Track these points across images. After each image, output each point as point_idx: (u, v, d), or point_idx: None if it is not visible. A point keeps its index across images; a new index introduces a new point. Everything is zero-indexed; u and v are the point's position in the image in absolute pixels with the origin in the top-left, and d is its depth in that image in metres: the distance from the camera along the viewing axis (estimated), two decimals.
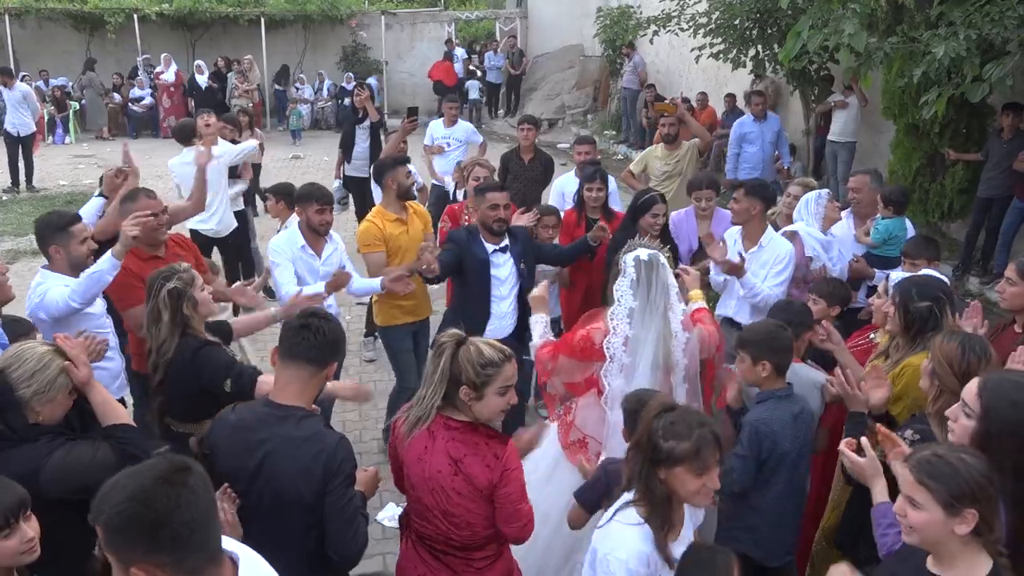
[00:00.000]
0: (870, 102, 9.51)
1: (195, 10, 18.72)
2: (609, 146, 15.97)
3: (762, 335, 3.20)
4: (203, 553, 1.65)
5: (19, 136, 12.26)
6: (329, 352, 2.64)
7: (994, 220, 7.80)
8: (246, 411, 2.69)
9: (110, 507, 1.60)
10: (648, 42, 12.41)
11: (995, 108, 7.72)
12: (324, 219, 4.63)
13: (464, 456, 2.62)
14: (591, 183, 5.53)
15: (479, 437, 2.66)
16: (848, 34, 5.80)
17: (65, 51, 18.84)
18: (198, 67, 17.95)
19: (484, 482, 2.62)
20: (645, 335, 3.26)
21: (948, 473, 1.99)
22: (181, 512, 1.59)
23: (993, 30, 5.59)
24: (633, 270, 3.31)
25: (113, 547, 1.61)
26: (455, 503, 2.65)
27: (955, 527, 1.97)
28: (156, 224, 4.15)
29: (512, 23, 21.50)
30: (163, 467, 1.66)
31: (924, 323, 3.23)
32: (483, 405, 2.64)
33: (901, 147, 8.60)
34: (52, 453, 2.47)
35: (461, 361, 2.61)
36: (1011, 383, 2.36)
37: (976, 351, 2.73)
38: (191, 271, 3.43)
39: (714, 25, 10.08)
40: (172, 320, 3.29)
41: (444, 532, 2.71)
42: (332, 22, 20.08)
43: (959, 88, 5.79)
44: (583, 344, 3.34)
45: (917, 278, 3.51)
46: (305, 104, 19.20)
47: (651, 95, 14.16)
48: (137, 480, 1.63)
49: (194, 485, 1.65)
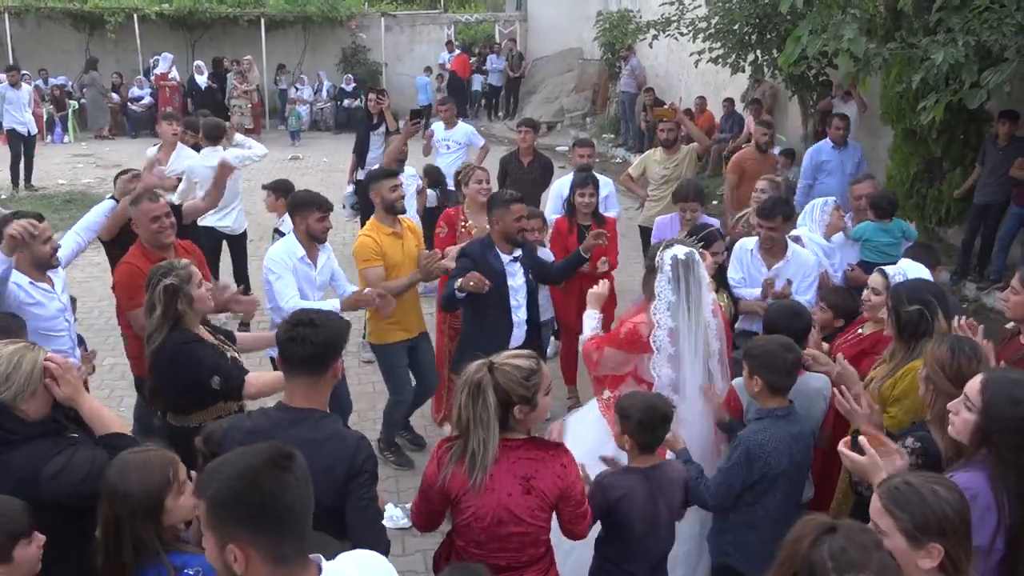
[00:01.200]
0: (868, 108, 9.54)
1: (195, 10, 18.75)
2: (608, 149, 16.00)
3: (760, 351, 3.19)
4: (296, 543, 1.67)
5: (28, 135, 12.32)
6: (322, 357, 2.60)
7: (991, 226, 7.82)
8: (261, 417, 2.67)
9: (217, 482, 1.65)
10: (647, 46, 12.42)
11: (992, 114, 7.75)
12: (325, 227, 4.59)
13: (536, 472, 2.59)
14: (583, 188, 5.51)
15: (543, 451, 2.65)
16: (847, 39, 5.84)
17: (64, 50, 18.85)
18: (197, 67, 17.96)
19: (557, 493, 2.62)
20: (685, 326, 3.47)
21: (915, 502, 1.93)
22: (284, 497, 1.64)
23: (991, 37, 5.62)
24: (670, 268, 3.48)
25: (214, 521, 1.65)
26: (527, 523, 2.61)
27: (918, 560, 1.90)
28: (161, 226, 4.18)
29: (511, 26, 21.54)
30: (272, 451, 1.70)
31: (915, 327, 3.23)
32: (536, 412, 2.63)
33: (899, 152, 8.63)
34: (53, 458, 2.46)
35: (503, 384, 2.54)
36: (1013, 380, 2.40)
37: (966, 352, 2.75)
38: (189, 268, 3.44)
39: (713, 30, 10.10)
40: (164, 314, 3.33)
41: (512, 557, 2.65)
42: (332, 23, 20.11)
43: (957, 94, 5.83)
44: (631, 338, 3.56)
45: (908, 282, 3.51)
46: (304, 105, 19.22)
47: (649, 99, 14.19)
48: (246, 459, 1.68)
49: (298, 473, 1.69)
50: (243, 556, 1.62)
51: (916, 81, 5.87)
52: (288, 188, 6.29)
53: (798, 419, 3.21)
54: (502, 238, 4.55)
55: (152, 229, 4.19)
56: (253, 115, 17.86)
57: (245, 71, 17.69)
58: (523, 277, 4.62)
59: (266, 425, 2.58)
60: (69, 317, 4.12)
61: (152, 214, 4.19)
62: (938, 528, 1.90)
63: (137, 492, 2.22)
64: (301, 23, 19.98)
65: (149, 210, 4.19)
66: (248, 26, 19.24)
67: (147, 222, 4.19)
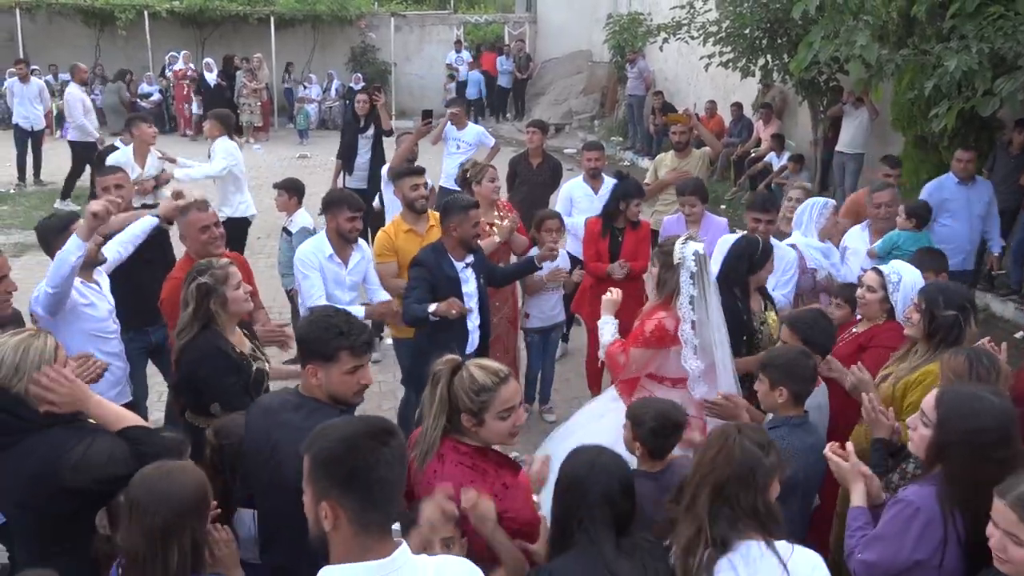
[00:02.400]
0: (880, 114, 9.50)
1: (205, 8, 18.78)
2: (616, 152, 15.97)
3: (784, 360, 3.12)
4: (382, 513, 1.77)
5: (32, 130, 12.31)
6: (303, 352, 2.66)
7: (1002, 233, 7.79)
8: (276, 397, 2.80)
9: (321, 443, 1.79)
10: (657, 49, 12.43)
11: (1004, 122, 7.72)
12: (355, 227, 4.59)
13: (471, 483, 2.51)
14: (629, 199, 5.36)
15: (488, 464, 2.56)
16: (860, 45, 5.82)
17: (75, 46, 18.88)
18: (207, 65, 17.98)
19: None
20: (706, 318, 3.61)
21: None
22: (379, 468, 1.75)
23: (1006, 44, 5.60)
24: (694, 263, 3.60)
25: (313, 479, 1.78)
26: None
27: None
28: (211, 236, 4.06)
29: (521, 27, 21.53)
30: (376, 424, 1.83)
31: (948, 331, 3.22)
32: (486, 431, 2.54)
33: (910, 159, 8.58)
34: (74, 447, 2.45)
35: (456, 389, 2.53)
36: (967, 395, 2.42)
37: (984, 364, 2.74)
38: (227, 268, 3.38)
39: (724, 34, 10.10)
40: (195, 312, 3.30)
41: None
42: (341, 22, 20.12)
43: (970, 102, 5.80)
44: (658, 333, 3.68)
45: (943, 285, 3.48)
46: (312, 104, 19.24)
47: (658, 102, 14.16)
48: (351, 428, 1.82)
49: (395, 448, 1.79)
50: (332, 515, 1.74)
51: (929, 88, 5.84)
52: (299, 187, 6.30)
53: (813, 429, 3.17)
54: (458, 244, 4.42)
55: (202, 240, 4.05)
56: (262, 113, 17.88)
57: (255, 69, 17.71)
58: (475, 283, 4.55)
59: (276, 405, 2.69)
60: (116, 321, 4.04)
61: (201, 224, 4.06)
62: None
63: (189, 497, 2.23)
64: (311, 22, 19.99)
65: (198, 220, 4.06)
66: (258, 24, 19.27)
67: (196, 232, 4.06)
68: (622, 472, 2.38)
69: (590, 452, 2.43)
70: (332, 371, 2.60)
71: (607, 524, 2.25)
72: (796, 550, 2.22)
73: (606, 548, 2.21)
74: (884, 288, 3.79)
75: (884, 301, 3.80)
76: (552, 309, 5.59)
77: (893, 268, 3.88)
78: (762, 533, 2.20)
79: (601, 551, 2.21)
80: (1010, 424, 2.37)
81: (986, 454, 2.32)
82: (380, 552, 1.76)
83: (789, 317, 3.56)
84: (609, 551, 2.21)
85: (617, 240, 5.43)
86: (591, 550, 2.23)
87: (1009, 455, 2.32)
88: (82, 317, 3.79)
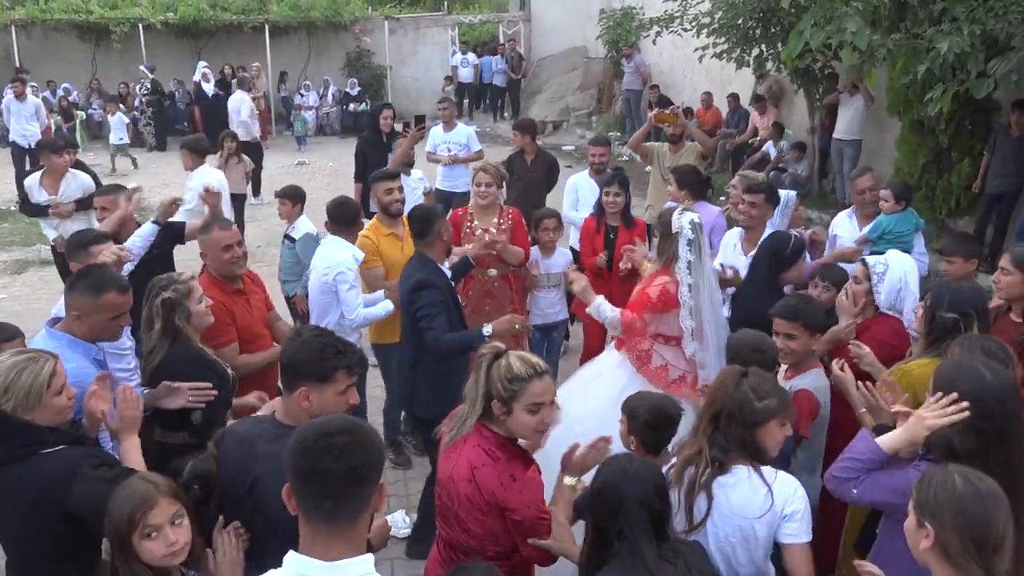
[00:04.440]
0: (876, 99, 9.48)
1: (200, 18, 18.80)
2: (613, 147, 15.94)
3: (739, 347, 3.20)
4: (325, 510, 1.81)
5: (29, 148, 12.32)
6: (295, 374, 2.51)
7: (1003, 216, 7.76)
8: (253, 424, 2.65)
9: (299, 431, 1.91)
10: (651, 43, 12.41)
11: (1000, 103, 7.69)
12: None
13: (482, 465, 2.58)
14: (608, 188, 5.42)
15: (504, 452, 2.62)
16: (851, 32, 5.80)
17: (71, 61, 18.95)
18: (204, 75, 17.98)
19: (491, 497, 2.57)
20: (701, 281, 3.93)
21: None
22: (327, 458, 1.81)
23: (997, 25, 5.58)
24: (691, 231, 3.89)
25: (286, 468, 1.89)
26: (466, 510, 2.62)
27: (921, 540, 1.99)
28: (234, 256, 3.96)
29: (515, 26, 21.52)
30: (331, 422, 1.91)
31: (944, 333, 3.17)
32: (514, 422, 2.59)
33: (907, 144, 8.57)
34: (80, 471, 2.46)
35: (492, 375, 2.60)
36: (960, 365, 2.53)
37: (998, 356, 2.71)
38: (189, 283, 3.38)
39: (717, 25, 10.07)
40: (163, 329, 3.29)
41: (458, 537, 2.69)
42: (336, 28, 20.13)
43: (964, 84, 5.78)
44: (664, 297, 3.97)
45: (955, 286, 3.39)
46: (310, 111, 19.26)
47: (655, 95, 14.15)
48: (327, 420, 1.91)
49: (355, 441, 1.84)
50: (288, 497, 1.88)
51: (922, 72, 5.81)
52: (300, 194, 6.27)
53: None
54: (443, 252, 4.32)
55: (224, 259, 3.94)
56: (260, 122, 17.88)
57: (253, 78, 17.72)
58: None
59: (252, 436, 2.54)
60: (131, 337, 3.94)
61: (224, 243, 3.94)
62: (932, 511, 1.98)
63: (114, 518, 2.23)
64: (305, 28, 20.02)
65: (220, 239, 3.94)
66: (252, 33, 19.28)
67: (219, 252, 3.94)
68: (655, 475, 2.39)
69: (620, 461, 2.45)
70: (327, 392, 2.51)
71: (647, 532, 2.25)
72: (779, 475, 2.56)
73: (648, 557, 2.21)
74: (869, 279, 3.77)
75: (870, 292, 3.78)
76: (552, 307, 5.58)
77: (880, 259, 3.83)
78: (750, 461, 2.54)
79: (644, 560, 2.21)
80: (997, 396, 2.36)
81: (968, 425, 2.34)
82: (321, 551, 1.80)
83: (777, 308, 3.55)
84: (652, 560, 2.21)
85: (610, 237, 5.44)
86: (633, 560, 2.23)
87: (992, 428, 2.33)
88: None
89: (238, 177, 9.00)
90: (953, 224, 8.72)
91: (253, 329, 4.03)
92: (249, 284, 4.20)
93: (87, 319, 3.12)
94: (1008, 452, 2.33)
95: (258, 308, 4.18)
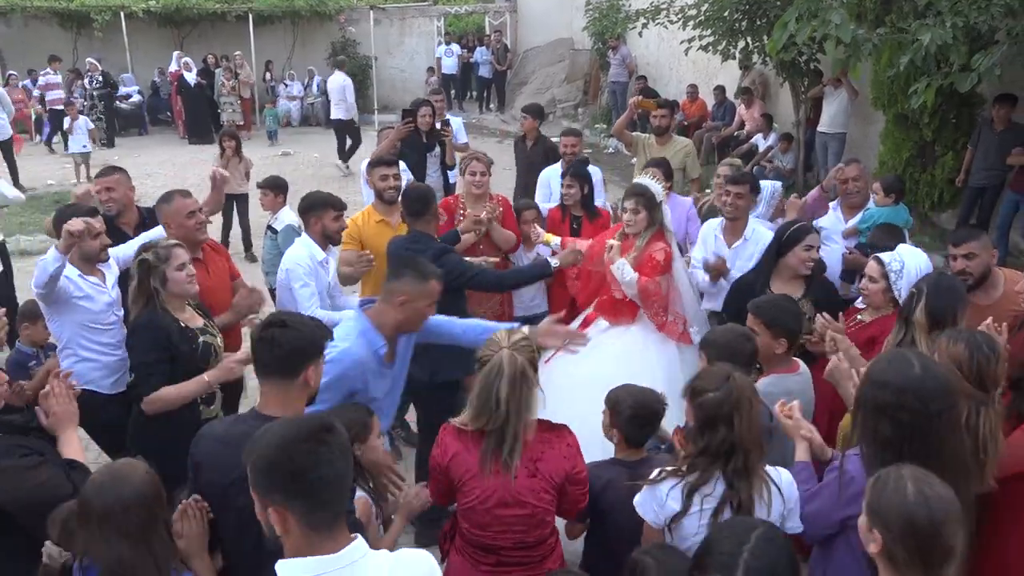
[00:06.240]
0: (860, 93, 9.51)
1: (182, 7, 18.59)
2: (600, 139, 15.94)
3: (721, 341, 3.16)
4: (329, 512, 1.78)
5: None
6: (293, 361, 2.45)
7: (985, 209, 7.81)
8: (233, 423, 2.59)
9: (259, 450, 1.79)
10: (637, 35, 12.38)
11: (984, 97, 7.73)
12: (341, 226, 4.57)
13: (542, 455, 2.61)
14: (564, 179, 5.59)
15: (549, 433, 2.68)
16: (835, 25, 5.78)
17: (52, 49, 18.66)
18: (185, 64, 17.81)
19: (562, 475, 2.62)
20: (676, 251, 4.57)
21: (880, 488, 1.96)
22: (319, 468, 1.75)
23: (980, 18, 5.59)
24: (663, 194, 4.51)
25: (255, 487, 1.81)
26: (532, 505, 2.59)
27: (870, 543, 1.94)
28: (197, 222, 4.13)
29: (501, 17, 21.43)
30: (310, 423, 1.83)
31: (908, 311, 3.23)
32: None
33: (891, 137, 8.60)
34: (16, 458, 2.44)
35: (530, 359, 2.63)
36: (892, 356, 2.53)
37: (984, 351, 2.66)
38: (172, 249, 3.47)
39: (703, 17, 10.06)
40: (138, 287, 3.43)
41: (517, 538, 2.64)
42: (321, 17, 19.96)
43: (948, 78, 5.78)
44: (668, 260, 4.43)
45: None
46: (295, 101, 19.10)
47: (639, 86, 14.13)
48: (286, 431, 1.81)
49: (334, 445, 1.80)
50: (280, 519, 1.76)
51: (904, 63, 5.81)
52: (282, 185, 6.27)
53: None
54: (436, 232, 4.57)
55: (189, 225, 4.10)
56: (244, 112, 17.75)
57: (236, 68, 17.56)
58: None
59: (235, 434, 2.42)
60: (118, 311, 4.01)
61: (188, 209, 4.12)
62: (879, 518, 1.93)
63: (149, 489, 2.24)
64: (290, 18, 19.82)
65: (184, 206, 4.10)
66: (236, 22, 19.07)
67: (183, 219, 4.10)
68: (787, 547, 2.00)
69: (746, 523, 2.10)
70: (320, 363, 2.57)
71: None
72: (779, 471, 2.58)
73: None
74: (886, 277, 3.71)
75: (887, 291, 3.72)
76: (532, 300, 5.56)
77: (894, 256, 3.76)
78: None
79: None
80: (917, 391, 2.31)
81: (884, 412, 2.33)
82: (330, 548, 1.78)
83: (752, 304, 3.51)
84: None
85: (574, 227, 5.51)
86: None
87: (908, 420, 2.30)
88: (76, 309, 3.85)
89: (238, 177, 8.93)
90: (936, 218, 8.78)
91: (212, 296, 4.13)
92: (210, 252, 4.33)
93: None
94: (926, 450, 2.26)
95: (217, 276, 4.34)
